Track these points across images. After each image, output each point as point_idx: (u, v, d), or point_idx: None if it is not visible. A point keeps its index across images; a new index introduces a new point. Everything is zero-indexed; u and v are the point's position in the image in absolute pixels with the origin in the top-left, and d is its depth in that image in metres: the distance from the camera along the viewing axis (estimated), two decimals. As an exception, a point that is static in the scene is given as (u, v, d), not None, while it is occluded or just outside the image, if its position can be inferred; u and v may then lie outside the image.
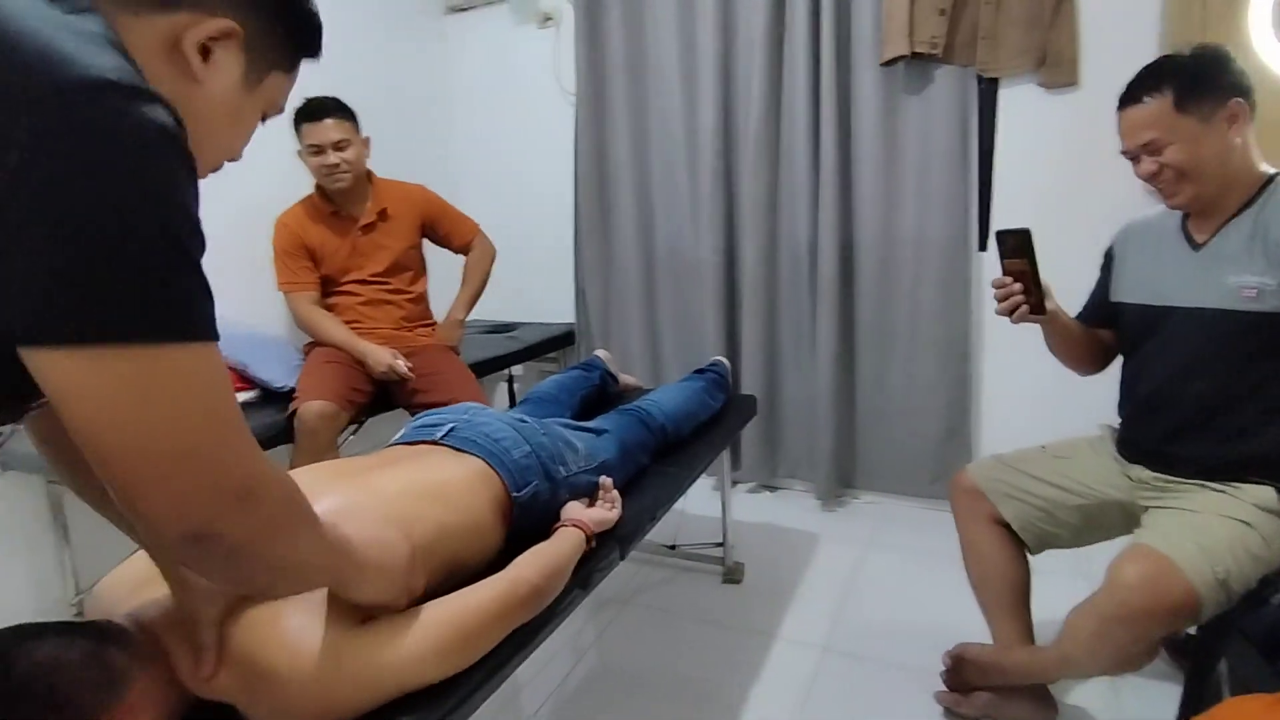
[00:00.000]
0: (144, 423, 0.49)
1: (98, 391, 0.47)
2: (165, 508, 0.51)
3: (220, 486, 0.53)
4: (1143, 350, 1.34)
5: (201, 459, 0.52)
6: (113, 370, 0.47)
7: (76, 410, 0.48)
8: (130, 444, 0.49)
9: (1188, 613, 1.11)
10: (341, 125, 2.03)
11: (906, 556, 2.15)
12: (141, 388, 0.49)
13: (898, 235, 2.34)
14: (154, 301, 0.48)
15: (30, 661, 0.67)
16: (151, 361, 0.49)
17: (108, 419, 0.48)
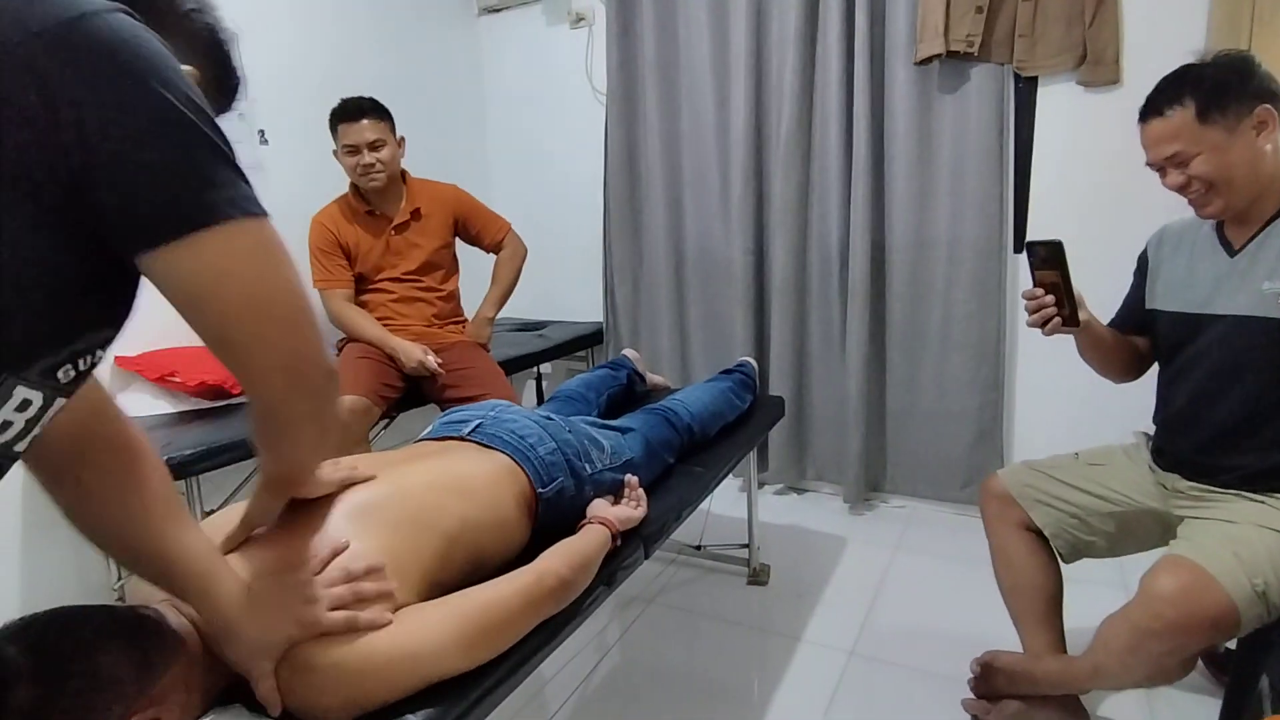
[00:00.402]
0: (266, 286, 0.58)
1: (229, 265, 0.55)
2: (316, 351, 0.63)
3: (317, 330, 0.64)
4: (1179, 359, 1.31)
5: (305, 313, 0.62)
6: (237, 244, 0.56)
7: (213, 291, 0.55)
8: (277, 307, 0.59)
9: (1225, 626, 1.08)
10: (377, 125, 2.06)
11: (935, 562, 2.12)
12: (260, 256, 0.57)
13: (930, 236, 2.31)
14: (241, 184, 0.56)
15: (73, 642, 0.69)
16: (258, 233, 0.57)
17: (257, 288, 0.57)
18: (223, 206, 0.55)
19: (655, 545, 1.33)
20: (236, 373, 0.62)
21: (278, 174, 2.32)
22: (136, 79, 0.51)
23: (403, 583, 0.89)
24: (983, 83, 2.16)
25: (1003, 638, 1.49)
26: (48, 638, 0.69)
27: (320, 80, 2.43)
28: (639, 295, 2.88)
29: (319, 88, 2.36)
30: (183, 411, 1.92)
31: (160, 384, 1.92)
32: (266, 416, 0.67)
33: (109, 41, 0.50)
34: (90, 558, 1.92)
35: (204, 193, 0.54)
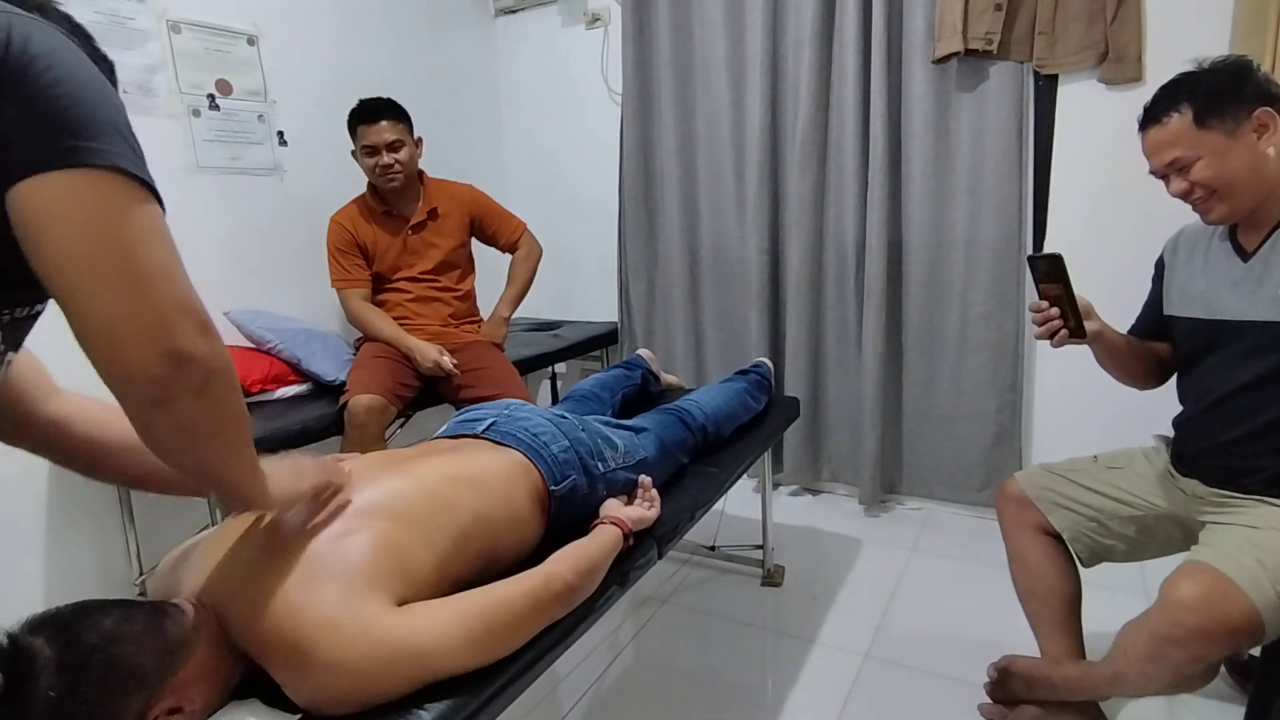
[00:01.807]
0: (123, 241, 0.56)
1: (84, 206, 0.55)
2: (151, 328, 0.57)
3: (190, 311, 0.60)
4: (1197, 365, 1.29)
5: (174, 283, 0.59)
6: (95, 187, 0.55)
7: (63, 227, 0.54)
8: (113, 260, 0.56)
9: (1248, 634, 1.06)
10: (395, 126, 2.08)
11: (952, 564, 2.10)
12: (126, 208, 0.57)
13: (948, 236, 2.29)
14: (127, 143, 0.58)
15: (95, 634, 0.71)
16: (130, 191, 0.57)
17: (92, 236, 0.55)
18: (91, 154, 0.55)
19: (669, 545, 1.33)
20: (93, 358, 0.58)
21: (296, 175, 2.35)
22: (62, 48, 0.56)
23: (416, 576, 0.90)
24: (1002, 81, 2.14)
25: (1020, 642, 1.47)
26: (71, 629, 0.71)
27: (338, 82, 2.45)
28: (654, 295, 2.88)
29: (337, 89, 2.38)
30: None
31: (181, 382, 1.94)
32: (116, 396, 0.60)
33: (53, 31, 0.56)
34: (113, 552, 1.95)
35: (82, 136, 0.55)
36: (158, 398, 0.60)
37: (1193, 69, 1.18)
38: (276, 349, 2.09)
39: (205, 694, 0.79)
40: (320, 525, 0.89)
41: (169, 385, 0.59)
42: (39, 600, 1.82)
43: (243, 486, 0.75)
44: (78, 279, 0.55)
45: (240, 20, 2.22)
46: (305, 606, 0.80)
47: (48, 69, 0.54)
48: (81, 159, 0.54)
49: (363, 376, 1.96)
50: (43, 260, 0.55)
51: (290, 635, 0.79)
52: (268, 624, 0.80)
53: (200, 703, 0.78)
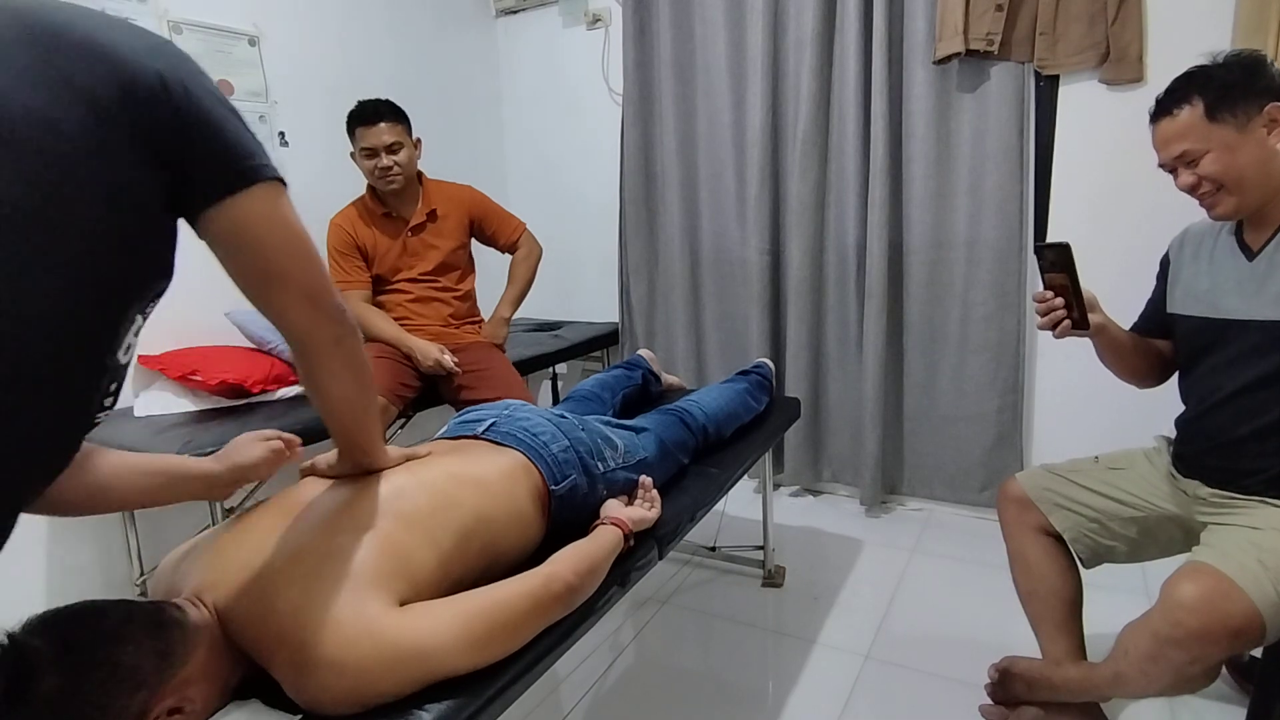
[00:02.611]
0: (298, 234, 0.76)
1: (274, 213, 0.73)
2: (329, 292, 0.79)
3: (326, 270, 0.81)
4: (1200, 364, 1.29)
5: (318, 256, 0.80)
6: (278, 197, 0.74)
7: (269, 232, 0.73)
8: (297, 247, 0.76)
9: (1250, 635, 1.06)
10: (394, 128, 2.08)
11: (953, 565, 2.10)
12: (289, 208, 0.75)
13: (949, 237, 2.29)
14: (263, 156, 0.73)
15: (95, 634, 0.71)
16: (282, 189, 0.75)
17: (284, 233, 0.75)
18: (265, 169, 0.72)
19: (669, 546, 1.33)
20: (269, 308, 0.78)
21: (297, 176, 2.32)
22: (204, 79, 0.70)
23: (418, 575, 0.90)
24: (1003, 82, 2.13)
25: (1021, 643, 1.47)
26: (71, 630, 0.71)
27: (338, 83, 2.46)
28: (655, 296, 2.88)
29: (337, 90, 2.39)
30: (204, 410, 1.95)
31: (182, 382, 1.95)
32: (301, 349, 0.83)
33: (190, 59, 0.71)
34: (114, 553, 1.95)
35: (262, 156, 0.72)
36: (338, 335, 0.82)
37: (1206, 63, 1.18)
38: (277, 350, 2.09)
39: (206, 694, 0.79)
40: (322, 525, 0.89)
41: (342, 324, 0.82)
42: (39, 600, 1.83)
43: (375, 435, 0.99)
44: (291, 259, 0.75)
45: (241, 21, 2.22)
46: (307, 606, 0.80)
47: (210, 106, 0.69)
48: (260, 176, 0.72)
49: (363, 377, 1.96)
50: (266, 250, 0.73)
51: (292, 635, 0.79)
52: (269, 624, 0.80)
53: (201, 703, 0.78)
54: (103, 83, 0.62)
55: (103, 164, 0.62)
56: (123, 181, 0.63)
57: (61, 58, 0.60)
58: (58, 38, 0.61)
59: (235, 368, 1.97)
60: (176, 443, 1.66)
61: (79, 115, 0.60)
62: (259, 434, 1.06)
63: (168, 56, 0.67)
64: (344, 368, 0.85)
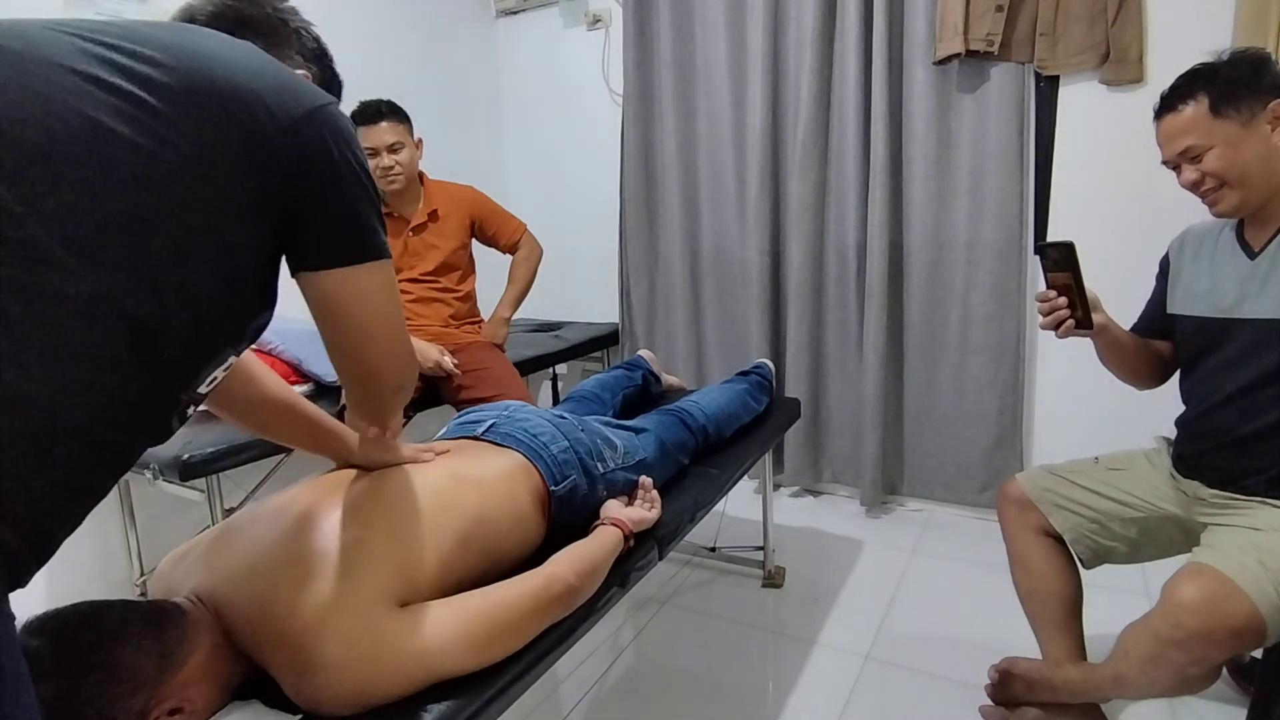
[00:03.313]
0: (391, 311, 0.78)
1: (372, 291, 0.75)
2: (396, 366, 0.82)
3: (411, 347, 0.85)
4: (1201, 364, 1.29)
5: (406, 333, 0.83)
6: (382, 276, 0.76)
7: (359, 308, 0.75)
8: (386, 326, 0.78)
9: (1250, 636, 1.05)
10: (396, 128, 2.08)
11: (953, 566, 2.10)
12: (392, 288, 0.78)
13: (949, 237, 2.29)
14: (381, 233, 0.75)
15: (95, 635, 0.71)
16: (391, 271, 0.77)
17: (375, 310, 0.76)
18: (380, 248, 0.75)
19: (669, 546, 1.33)
20: (336, 363, 0.81)
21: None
22: (351, 150, 0.71)
23: (418, 576, 0.90)
24: (1003, 82, 2.14)
25: (1021, 644, 1.47)
26: (70, 630, 0.71)
27: (340, 83, 2.45)
28: (655, 296, 2.88)
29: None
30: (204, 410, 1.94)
31: (182, 383, 1.94)
32: (365, 399, 0.90)
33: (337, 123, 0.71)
34: (114, 553, 1.95)
35: (372, 235, 0.74)
36: (381, 401, 0.89)
37: (1211, 60, 1.19)
38: (278, 350, 2.09)
39: (206, 694, 0.78)
40: (323, 526, 0.89)
41: (393, 399, 0.88)
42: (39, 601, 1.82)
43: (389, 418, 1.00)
44: (367, 339, 0.77)
45: (242, 21, 2.22)
46: (307, 606, 0.80)
47: (359, 177, 0.71)
48: (376, 254, 0.74)
49: (363, 377, 1.96)
50: (345, 324, 0.76)
51: (292, 635, 0.79)
52: (269, 624, 0.80)
53: (201, 703, 0.78)
54: (223, 126, 0.62)
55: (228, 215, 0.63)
56: (243, 238, 0.65)
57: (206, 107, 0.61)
58: (201, 63, 0.62)
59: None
60: (177, 443, 1.66)
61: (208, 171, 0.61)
62: None
63: (309, 120, 0.67)
64: (395, 408, 0.93)
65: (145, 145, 0.57)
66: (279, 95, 0.66)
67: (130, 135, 0.57)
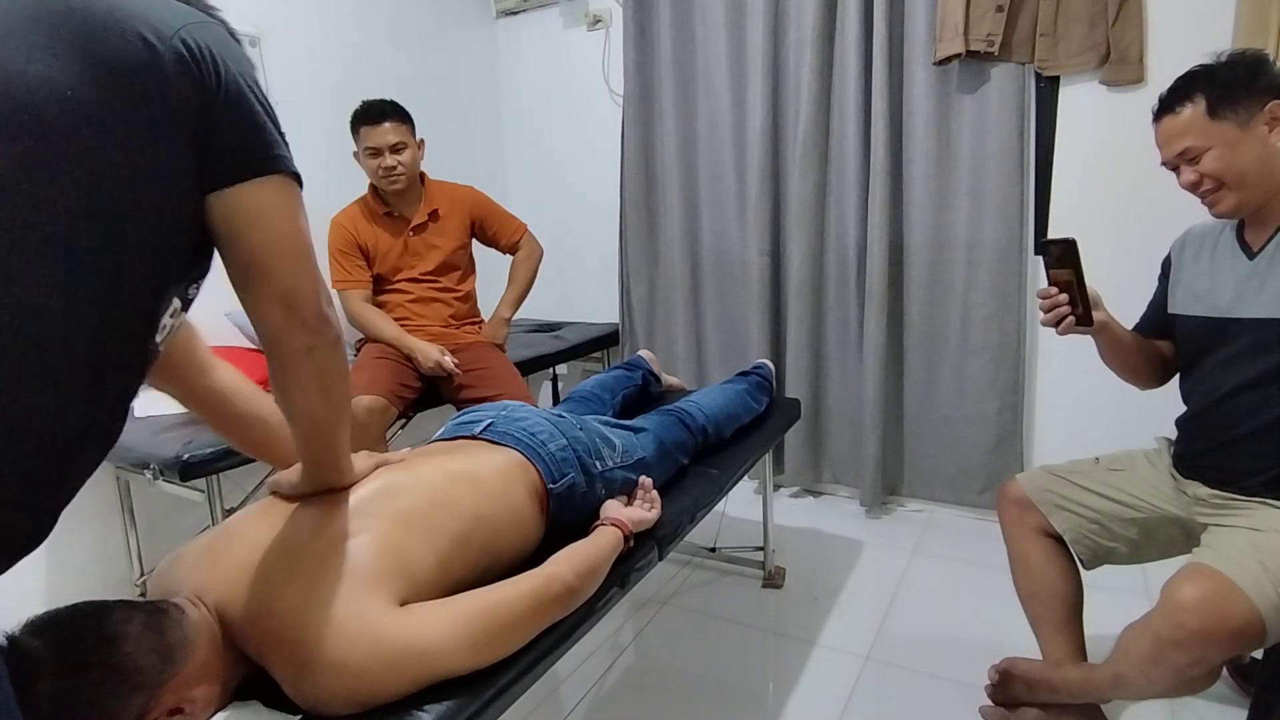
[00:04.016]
0: (296, 233, 0.74)
1: (277, 205, 0.72)
2: (310, 294, 0.76)
3: (317, 276, 0.78)
4: (1201, 364, 1.29)
5: (311, 258, 0.77)
6: (286, 191, 0.73)
7: (267, 225, 0.72)
8: (296, 244, 0.74)
9: (1250, 637, 1.05)
10: (399, 128, 2.08)
11: (954, 567, 2.10)
12: (294, 204, 0.74)
13: (949, 238, 2.29)
14: (283, 149, 0.74)
15: (95, 635, 0.71)
16: (295, 188, 0.75)
17: (282, 229, 0.73)
18: (284, 161, 0.73)
19: (669, 547, 1.33)
20: (246, 303, 0.75)
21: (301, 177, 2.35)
22: (239, 66, 0.70)
23: (417, 575, 0.90)
24: (1003, 83, 2.14)
25: (1021, 644, 1.47)
26: (70, 631, 0.71)
27: (339, 82, 2.46)
28: (655, 296, 2.88)
29: (338, 90, 2.39)
30: (204, 410, 1.94)
31: (182, 383, 1.94)
32: (270, 352, 0.79)
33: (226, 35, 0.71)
34: (113, 552, 1.95)
35: (276, 148, 0.72)
36: (310, 345, 0.78)
37: (1209, 61, 1.19)
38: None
39: (206, 694, 0.79)
40: (321, 525, 0.89)
41: (318, 334, 0.78)
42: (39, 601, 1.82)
43: (341, 453, 0.93)
44: (274, 257, 0.72)
45: (242, 22, 2.20)
46: (306, 606, 0.80)
47: (250, 93, 0.70)
48: (278, 166, 0.72)
49: (364, 377, 1.96)
50: (249, 243, 0.71)
51: (292, 635, 0.79)
52: (268, 623, 0.80)
53: (201, 703, 0.78)
54: (129, 59, 0.61)
55: (137, 144, 0.62)
56: (157, 161, 0.63)
57: (86, 33, 0.60)
58: (79, 11, 0.60)
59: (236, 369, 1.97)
60: (177, 443, 1.66)
61: (107, 96, 0.60)
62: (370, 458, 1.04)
63: (198, 29, 0.67)
64: (312, 379, 0.80)
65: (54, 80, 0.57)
66: (156, 15, 0.64)
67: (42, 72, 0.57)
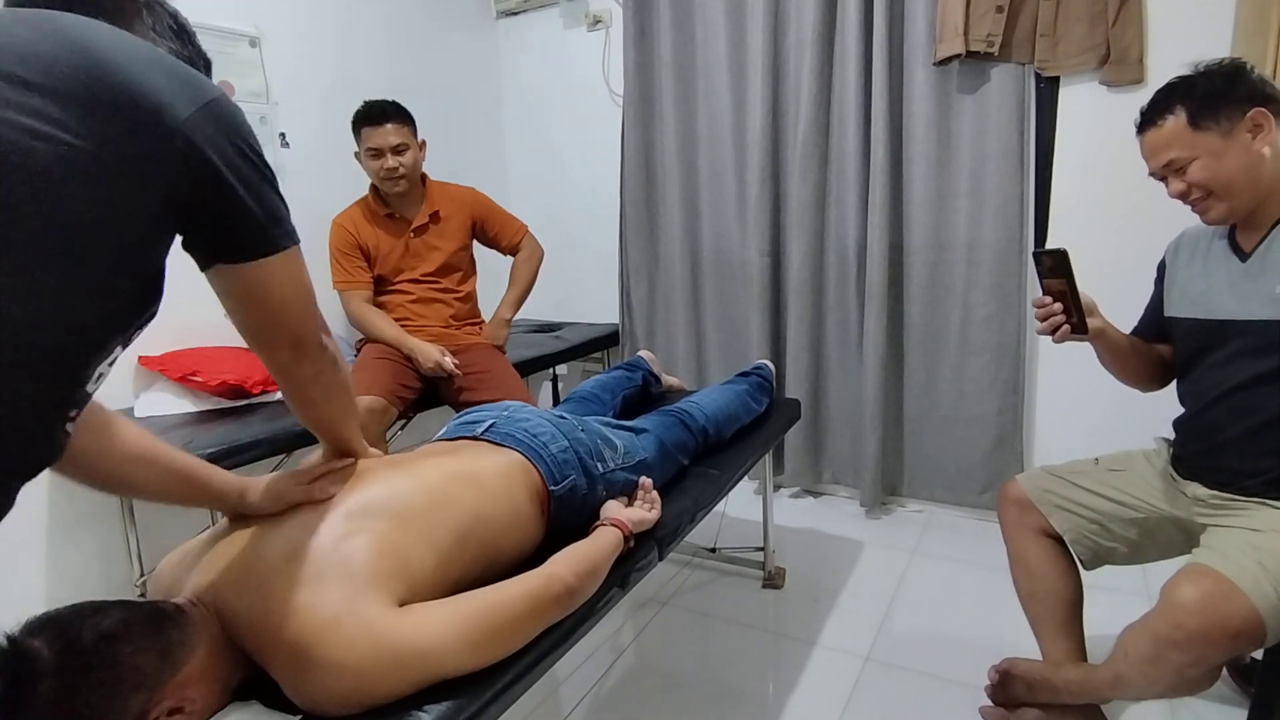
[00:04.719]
0: (301, 292, 0.80)
1: (279, 279, 0.77)
2: (314, 332, 0.84)
3: (323, 322, 0.87)
4: (1197, 366, 1.29)
5: (312, 306, 0.84)
6: (288, 265, 0.77)
7: (275, 293, 0.77)
8: (298, 304, 0.80)
9: (1250, 637, 1.05)
10: (401, 130, 2.08)
11: (953, 567, 2.10)
12: (296, 272, 0.79)
13: (949, 238, 2.29)
14: (288, 216, 0.77)
15: (95, 635, 0.71)
16: (297, 256, 0.78)
17: (288, 293, 0.78)
18: (284, 239, 0.76)
19: (669, 547, 1.33)
20: (255, 345, 0.82)
21: (297, 176, 2.35)
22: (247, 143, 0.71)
23: (417, 576, 0.90)
24: (1003, 83, 2.14)
25: (1021, 645, 1.47)
26: (70, 631, 0.71)
27: (339, 83, 2.46)
28: (655, 297, 2.88)
29: (339, 91, 2.39)
30: (204, 410, 1.95)
31: (182, 383, 1.95)
32: (280, 380, 0.89)
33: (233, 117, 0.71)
34: (113, 553, 1.95)
35: (274, 227, 0.74)
36: (315, 373, 0.87)
37: (1187, 72, 1.20)
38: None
39: (206, 695, 0.79)
40: (321, 526, 0.89)
41: (319, 362, 0.86)
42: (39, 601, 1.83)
43: (353, 442, 1.04)
44: (282, 318, 0.80)
45: (242, 22, 2.23)
46: (307, 606, 0.80)
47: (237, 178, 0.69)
48: (280, 246, 0.75)
49: (364, 378, 1.96)
50: (258, 312, 0.78)
51: (292, 635, 0.79)
52: (269, 624, 0.80)
53: (201, 703, 0.78)
54: (128, 131, 0.61)
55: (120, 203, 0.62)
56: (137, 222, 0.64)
57: (95, 92, 0.60)
58: (97, 69, 0.61)
59: (235, 368, 1.97)
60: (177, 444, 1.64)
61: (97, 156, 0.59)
62: (305, 475, 0.98)
63: (203, 118, 0.66)
64: (319, 395, 0.92)
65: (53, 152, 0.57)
66: (172, 91, 0.64)
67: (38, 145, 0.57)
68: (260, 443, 1.75)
